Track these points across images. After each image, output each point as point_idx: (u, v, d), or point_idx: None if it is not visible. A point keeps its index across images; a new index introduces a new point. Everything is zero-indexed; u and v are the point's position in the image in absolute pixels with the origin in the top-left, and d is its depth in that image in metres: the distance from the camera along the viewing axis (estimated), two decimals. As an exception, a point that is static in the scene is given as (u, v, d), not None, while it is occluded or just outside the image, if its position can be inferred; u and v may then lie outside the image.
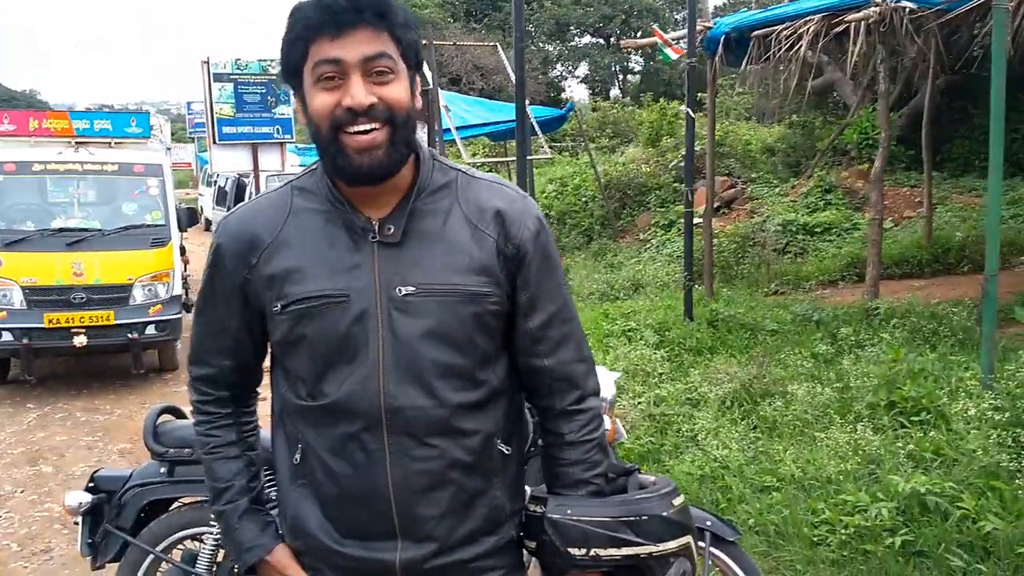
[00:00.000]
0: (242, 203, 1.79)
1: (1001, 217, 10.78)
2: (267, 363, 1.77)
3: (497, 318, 1.61)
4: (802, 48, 6.81)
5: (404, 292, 1.55)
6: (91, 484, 3.24)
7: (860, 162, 13.47)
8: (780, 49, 6.98)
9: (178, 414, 3.39)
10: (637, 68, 39.47)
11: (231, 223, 1.68)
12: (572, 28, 37.54)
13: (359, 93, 1.46)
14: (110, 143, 8.60)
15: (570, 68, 39.31)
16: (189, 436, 3.19)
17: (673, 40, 7.57)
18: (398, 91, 1.50)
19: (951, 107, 13.35)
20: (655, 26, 8.05)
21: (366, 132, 1.47)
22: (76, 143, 8.33)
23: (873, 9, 6.38)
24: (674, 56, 7.92)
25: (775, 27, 7.10)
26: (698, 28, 7.66)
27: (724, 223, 12.31)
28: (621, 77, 39.93)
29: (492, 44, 15.00)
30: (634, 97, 30.75)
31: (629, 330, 7.11)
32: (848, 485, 4.19)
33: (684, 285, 7.35)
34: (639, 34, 36.89)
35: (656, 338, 6.81)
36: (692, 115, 7.17)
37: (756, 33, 7.18)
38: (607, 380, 3.20)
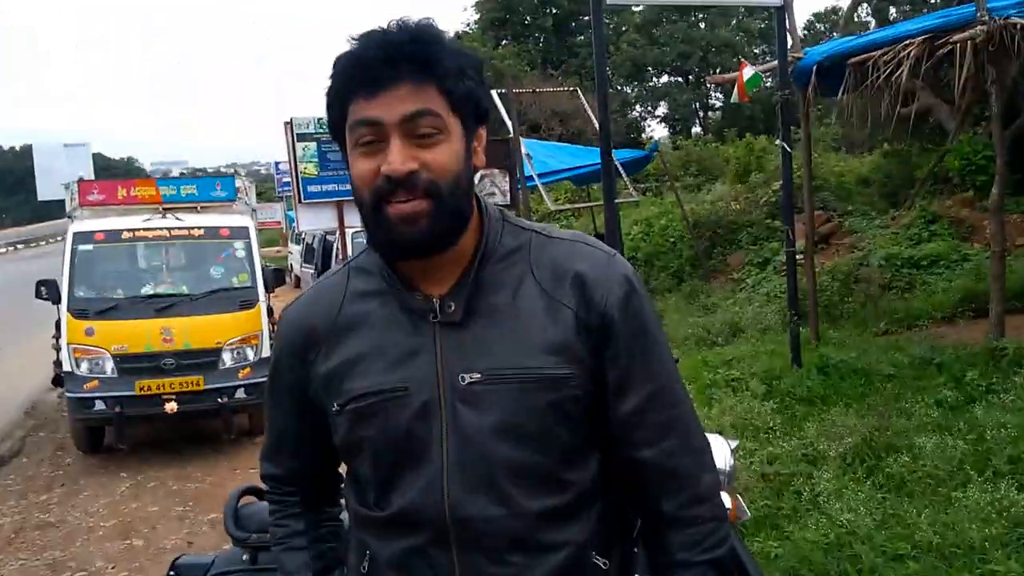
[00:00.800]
0: (302, 292, 1.58)
1: None
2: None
3: (581, 404, 1.36)
4: (903, 74, 6.38)
5: (468, 380, 1.32)
6: (172, 573, 3.04)
7: (964, 189, 12.78)
8: (879, 76, 6.57)
9: (261, 495, 3.19)
10: (718, 104, 39.00)
11: (290, 315, 1.49)
12: (649, 68, 37.37)
13: (396, 159, 1.27)
14: (196, 208, 8.67)
15: (649, 108, 39.10)
16: (272, 520, 2.99)
17: (764, 72, 7.24)
18: (444, 155, 1.30)
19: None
20: (742, 60, 7.70)
21: (406, 201, 1.28)
22: (163, 209, 8.41)
23: (980, 28, 5.94)
24: (737, 99, 7.60)
25: (872, 53, 6.70)
26: (788, 59, 7.30)
27: (823, 259, 11.75)
28: (702, 114, 39.47)
29: (572, 88, 14.84)
30: (716, 133, 30.25)
31: (733, 379, 6.70)
32: (995, 553, 3.73)
33: (790, 329, 6.90)
34: (718, 70, 36.53)
35: (763, 388, 6.38)
36: (788, 149, 6.79)
37: (853, 60, 6.78)
38: (723, 449, 2.85)
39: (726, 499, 2.61)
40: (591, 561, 1.37)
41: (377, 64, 1.27)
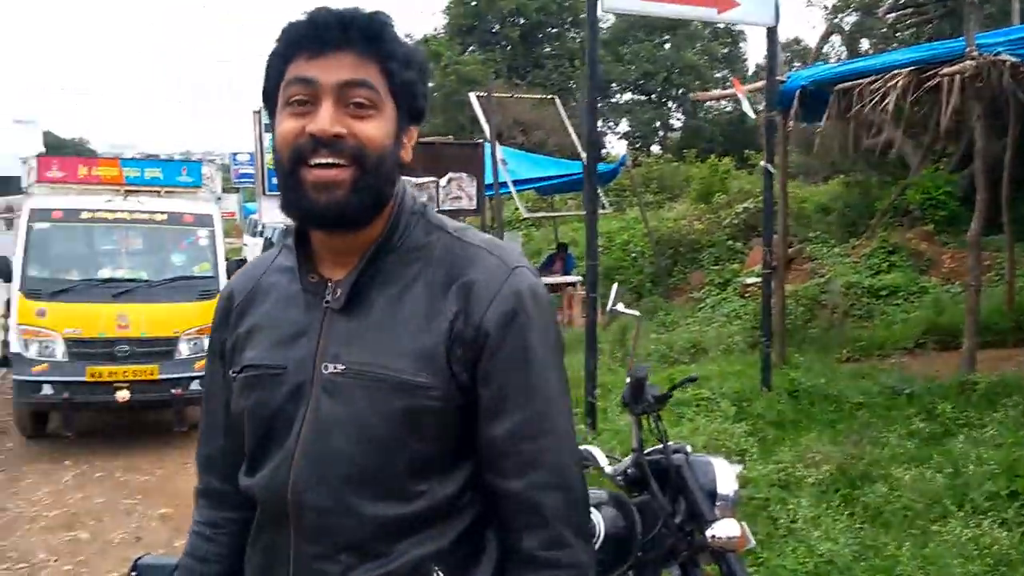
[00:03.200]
0: None
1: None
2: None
3: (439, 417, 1.27)
4: (890, 103, 6.41)
5: (331, 371, 1.29)
6: (133, 574, 2.85)
7: (924, 223, 13.01)
8: (865, 104, 6.59)
9: None
10: (677, 124, 39.36)
11: (227, 283, 1.49)
12: (613, 85, 37.54)
13: (325, 119, 1.23)
14: (160, 192, 8.37)
15: (611, 124, 39.28)
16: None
17: (749, 92, 7.22)
18: (375, 129, 1.26)
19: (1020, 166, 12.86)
20: (733, 77, 7.67)
21: (327, 166, 1.23)
22: (126, 191, 8.10)
23: (969, 63, 6.00)
24: (753, 114, 7.58)
25: (860, 81, 6.72)
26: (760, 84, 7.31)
27: (785, 284, 11.84)
28: (662, 133, 39.79)
29: (550, 97, 14.76)
30: (675, 153, 30.47)
31: (702, 399, 6.64)
32: (977, 590, 3.70)
33: (762, 351, 6.88)
34: (680, 91, 36.86)
35: (733, 409, 6.33)
36: (772, 171, 6.76)
37: (840, 87, 6.80)
38: (727, 474, 2.76)
39: (734, 526, 2.52)
40: None
41: (328, 26, 1.24)
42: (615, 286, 2.90)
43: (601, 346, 7.70)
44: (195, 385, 7.39)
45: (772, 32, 6.48)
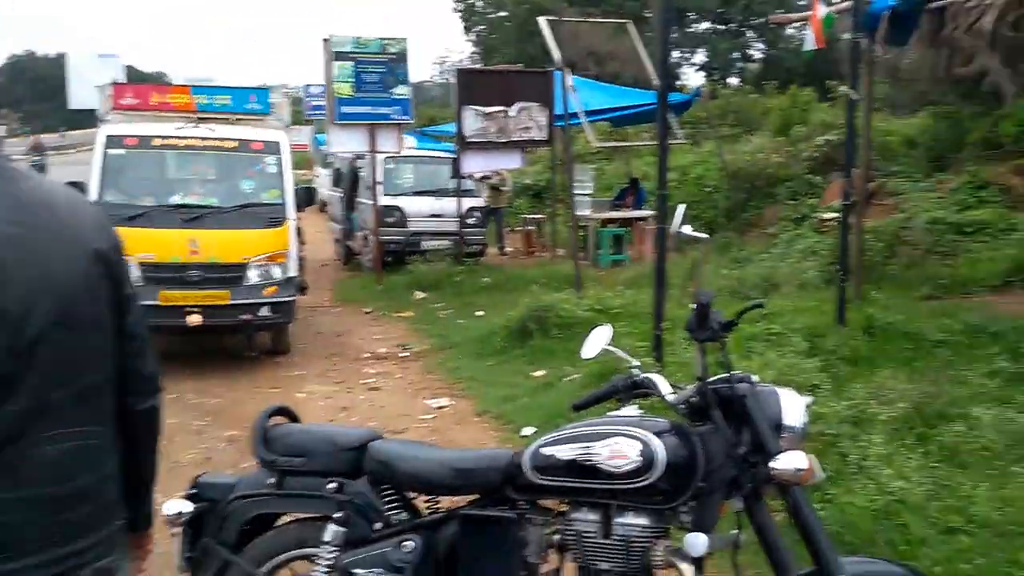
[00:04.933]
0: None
1: None
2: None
3: None
4: (986, 25, 6.00)
5: None
6: (193, 491, 2.88)
7: (1017, 156, 12.34)
8: (959, 26, 6.18)
9: (292, 416, 3.01)
10: (757, 55, 38.03)
11: None
12: (691, 14, 36.38)
13: None
14: (230, 119, 8.41)
15: (687, 55, 38.16)
16: (303, 442, 2.81)
17: (836, 14, 6.84)
18: None
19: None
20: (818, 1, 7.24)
21: None
22: (197, 119, 8.16)
23: (1078, -21, 5.55)
24: (813, 46, 7.21)
25: (953, 0, 6.31)
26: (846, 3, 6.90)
27: (866, 219, 11.42)
28: (741, 64, 38.53)
29: (624, 22, 14.32)
30: (755, 84, 29.49)
31: (772, 334, 6.46)
32: (1058, 534, 3.52)
33: (837, 285, 6.63)
34: (760, 20, 35.51)
35: (806, 344, 6.14)
36: (855, 98, 6.43)
37: (932, 5, 6.39)
38: (795, 405, 2.61)
39: (801, 458, 2.40)
40: None
41: None
42: (681, 207, 2.73)
43: (673, 281, 7.55)
44: (265, 311, 7.49)
45: (860, -53, 6.09)
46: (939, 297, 8.18)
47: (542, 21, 11.35)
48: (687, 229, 2.69)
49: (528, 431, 5.55)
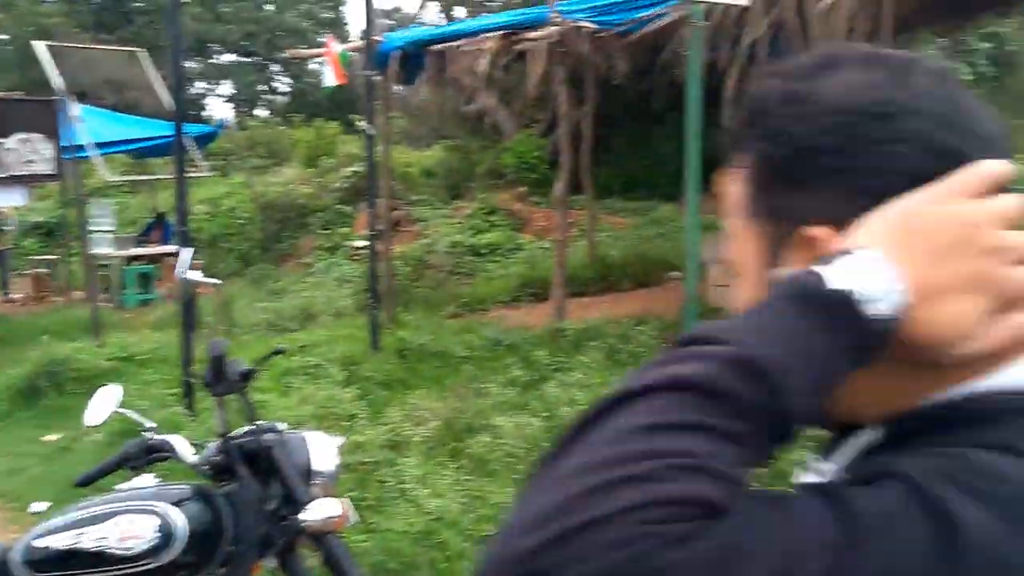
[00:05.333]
0: None
1: (646, 237, 11.71)
2: None
3: None
4: (483, 69, 6.59)
5: None
6: None
7: (518, 185, 13.88)
8: (459, 66, 6.72)
9: None
10: (284, 88, 38.35)
11: None
12: (214, 45, 35.56)
13: None
14: None
15: (213, 86, 37.23)
16: None
17: (351, 51, 7.03)
18: None
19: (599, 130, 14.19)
20: (329, 37, 7.41)
21: None
22: None
23: (553, 28, 6.31)
24: (334, 82, 7.42)
25: (451, 43, 6.85)
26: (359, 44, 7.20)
27: (394, 245, 12.01)
28: (269, 97, 38.55)
29: (132, 51, 13.42)
30: (283, 117, 29.62)
31: (311, 366, 6.42)
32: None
33: (368, 313, 6.80)
34: (283, 54, 35.78)
35: (343, 374, 6.19)
36: (372, 133, 6.66)
37: (433, 48, 6.86)
38: (325, 448, 2.56)
39: (332, 505, 2.34)
40: None
41: None
42: (186, 251, 2.53)
43: (206, 319, 7.19)
44: None
45: (366, -12, 6.33)
46: (462, 315, 8.81)
47: (39, 46, 10.20)
48: (195, 275, 2.50)
49: (39, 507, 4.83)
